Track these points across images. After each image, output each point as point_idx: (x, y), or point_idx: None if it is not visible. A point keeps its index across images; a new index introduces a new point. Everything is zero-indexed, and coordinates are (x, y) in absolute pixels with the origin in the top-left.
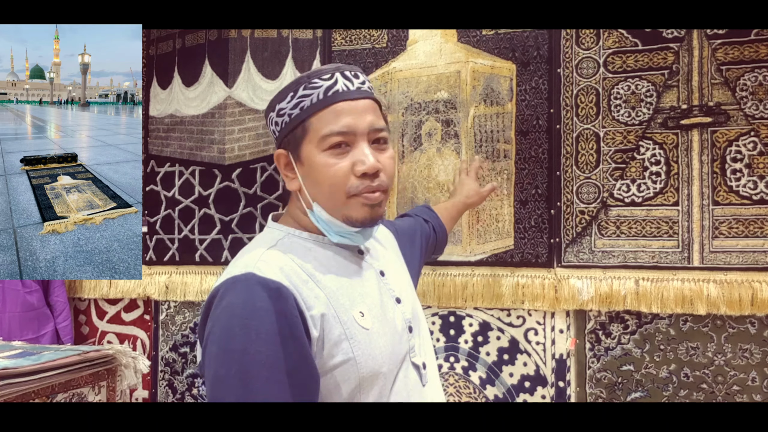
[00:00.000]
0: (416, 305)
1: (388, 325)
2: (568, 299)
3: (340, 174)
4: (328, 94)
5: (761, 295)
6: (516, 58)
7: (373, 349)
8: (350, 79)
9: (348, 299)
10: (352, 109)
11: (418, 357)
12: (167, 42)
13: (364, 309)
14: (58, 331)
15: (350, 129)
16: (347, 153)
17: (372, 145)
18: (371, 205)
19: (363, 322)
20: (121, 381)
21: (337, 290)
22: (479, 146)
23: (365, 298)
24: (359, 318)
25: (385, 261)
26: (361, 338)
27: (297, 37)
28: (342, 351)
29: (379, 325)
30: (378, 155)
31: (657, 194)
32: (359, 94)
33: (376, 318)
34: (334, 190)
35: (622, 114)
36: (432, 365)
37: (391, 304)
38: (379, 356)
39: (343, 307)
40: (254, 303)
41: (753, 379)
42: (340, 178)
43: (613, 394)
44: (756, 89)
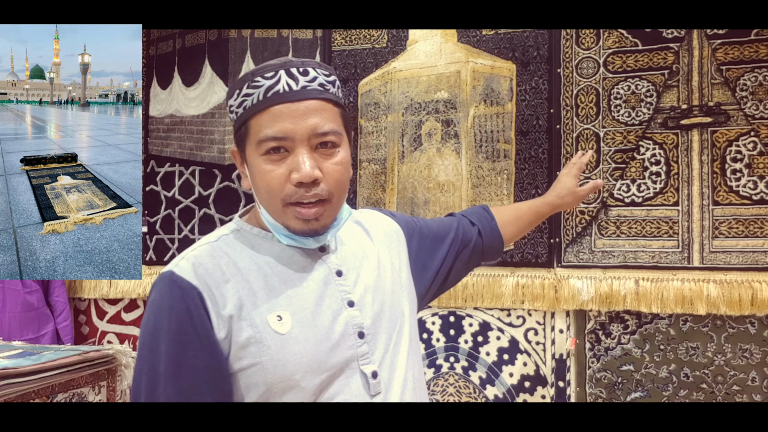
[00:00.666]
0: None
1: (316, 330)
2: (568, 299)
3: (275, 182)
4: (268, 95)
5: (761, 295)
6: (516, 58)
7: (285, 355)
8: (295, 78)
9: (267, 302)
10: (292, 112)
11: (370, 365)
12: (167, 42)
13: (285, 312)
14: (58, 331)
15: (287, 134)
16: (285, 159)
17: (317, 149)
18: (305, 219)
19: (278, 327)
20: (121, 381)
21: (258, 291)
22: (479, 146)
23: (293, 300)
24: (274, 322)
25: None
26: (272, 343)
27: (297, 37)
28: (249, 354)
29: (300, 330)
30: (322, 161)
31: (657, 194)
32: (303, 94)
33: (300, 323)
34: (270, 198)
35: (622, 114)
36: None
37: (334, 307)
38: (293, 363)
39: (259, 309)
40: (165, 301)
41: (753, 379)
42: (275, 186)
43: (613, 394)
44: (756, 89)
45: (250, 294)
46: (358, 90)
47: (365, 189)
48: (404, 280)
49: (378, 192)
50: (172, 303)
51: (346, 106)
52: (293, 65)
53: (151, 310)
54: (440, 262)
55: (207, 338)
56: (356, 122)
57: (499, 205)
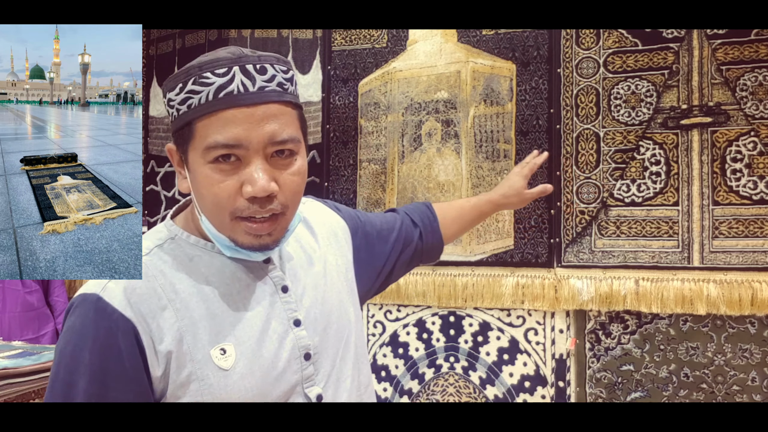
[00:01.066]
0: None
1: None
2: (568, 299)
3: (225, 194)
4: (219, 96)
5: (761, 295)
6: (516, 58)
7: (229, 392)
8: (252, 76)
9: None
10: (247, 117)
11: (315, 388)
12: (167, 42)
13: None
14: (58, 332)
15: (240, 142)
16: (237, 169)
17: (272, 158)
18: (256, 235)
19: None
20: None
21: (200, 321)
22: (479, 146)
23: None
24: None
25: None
26: (215, 380)
27: (297, 37)
28: (189, 393)
29: (245, 363)
30: (278, 172)
31: (657, 194)
32: (261, 97)
33: (244, 355)
34: (217, 210)
35: (622, 114)
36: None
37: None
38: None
39: (201, 342)
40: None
41: (753, 378)
42: (224, 199)
43: (613, 394)
44: (756, 89)
45: (190, 324)
46: (358, 90)
47: (365, 189)
48: (350, 281)
49: (378, 192)
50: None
51: (346, 105)
52: (249, 61)
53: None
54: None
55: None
56: (356, 122)
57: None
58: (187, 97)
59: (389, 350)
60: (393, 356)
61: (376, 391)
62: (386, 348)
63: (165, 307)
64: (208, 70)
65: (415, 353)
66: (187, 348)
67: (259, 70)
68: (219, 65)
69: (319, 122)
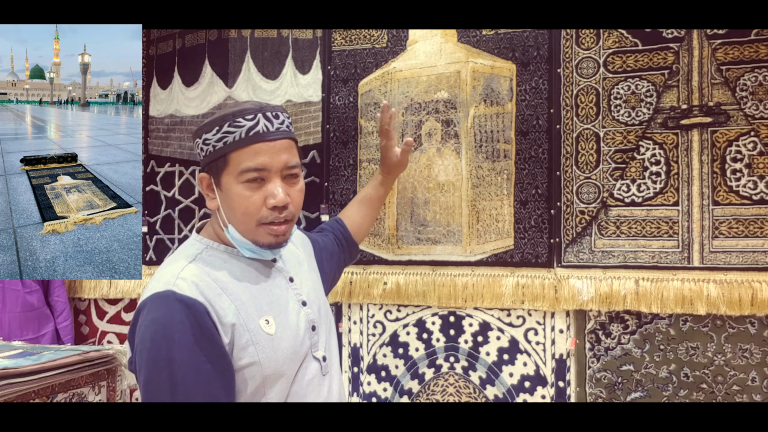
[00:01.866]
0: (322, 305)
1: (291, 328)
2: (568, 299)
3: (253, 206)
4: (250, 134)
5: (761, 295)
6: (516, 58)
7: (276, 352)
8: (271, 120)
9: (255, 309)
10: (270, 149)
11: (320, 351)
12: (167, 42)
13: (270, 317)
14: (58, 331)
15: (265, 167)
16: (261, 187)
17: (284, 179)
18: (276, 235)
19: (267, 329)
20: (121, 381)
21: (247, 301)
22: (479, 146)
23: (272, 306)
24: (264, 326)
25: (295, 268)
26: (266, 344)
27: (297, 37)
28: (248, 354)
29: (282, 330)
30: (288, 189)
31: (657, 194)
32: (278, 134)
33: (281, 324)
34: (246, 219)
35: (622, 114)
36: (333, 358)
37: (296, 307)
38: (281, 358)
39: (251, 316)
40: (174, 317)
41: (753, 379)
42: (252, 209)
43: (613, 394)
44: (756, 89)
45: (240, 304)
46: (358, 90)
47: None
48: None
49: None
50: (181, 318)
51: (346, 105)
52: (268, 110)
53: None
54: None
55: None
56: (356, 122)
57: (498, 205)
58: (223, 137)
59: (389, 350)
60: (393, 356)
61: (376, 391)
62: (386, 348)
63: (220, 294)
64: (240, 117)
65: (415, 353)
66: (243, 321)
67: (275, 116)
68: (248, 113)
69: (319, 122)
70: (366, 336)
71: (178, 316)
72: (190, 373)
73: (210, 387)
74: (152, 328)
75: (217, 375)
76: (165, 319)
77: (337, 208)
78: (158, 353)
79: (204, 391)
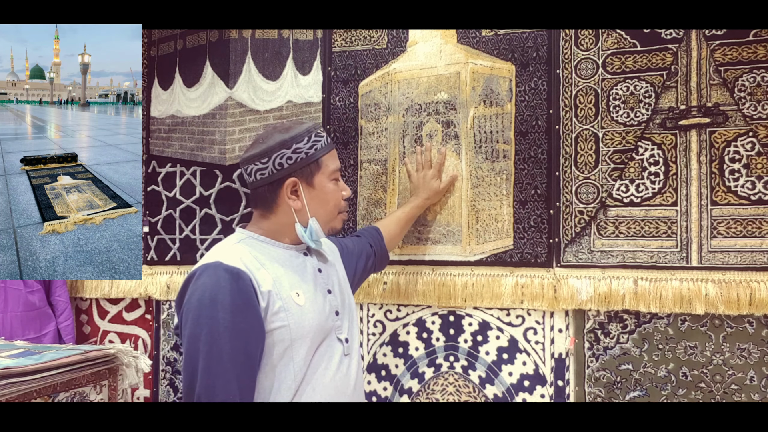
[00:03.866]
0: (347, 297)
1: (317, 305)
2: (567, 299)
3: (338, 197)
4: (328, 142)
5: (759, 295)
6: (515, 59)
7: (303, 320)
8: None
9: (288, 283)
10: (336, 155)
11: (343, 334)
12: (168, 43)
13: (300, 290)
14: (59, 331)
15: (338, 167)
16: (338, 183)
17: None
18: (344, 220)
19: (298, 300)
20: (122, 380)
21: (282, 276)
22: (479, 147)
23: (302, 284)
24: (295, 297)
25: (324, 264)
26: (295, 311)
27: (297, 38)
28: (280, 319)
29: (310, 304)
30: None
31: (655, 194)
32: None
33: (308, 299)
34: (333, 209)
35: (620, 115)
36: (354, 343)
37: (323, 292)
38: (308, 326)
39: (284, 287)
40: (220, 283)
41: (751, 378)
42: (339, 200)
43: (612, 393)
44: (754, 90)
45: (276, 277)
46: (359, 91)
47: (366, 189)
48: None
49: (379, 192)
50: (226, 284)
51: (347, 106)
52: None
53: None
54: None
55: (255, 308)
56: (357, 123)
57: (498, 205)
58: (314, 143)
59: (389, 349)
60: (393, 355)
61: (376, 391)
62: (386, 347)
63: (260, 268)
64: (317, 129)
65: (415, 352)
66: (277, 291)
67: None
68: (318, 128)
69: (319, 123)
70: (366, 335)
71: (223, 282)
72: (229, 330)
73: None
74: (200, 290)
75: (251, 334)
76: (212, 283)
77: None
78: (203, 311)
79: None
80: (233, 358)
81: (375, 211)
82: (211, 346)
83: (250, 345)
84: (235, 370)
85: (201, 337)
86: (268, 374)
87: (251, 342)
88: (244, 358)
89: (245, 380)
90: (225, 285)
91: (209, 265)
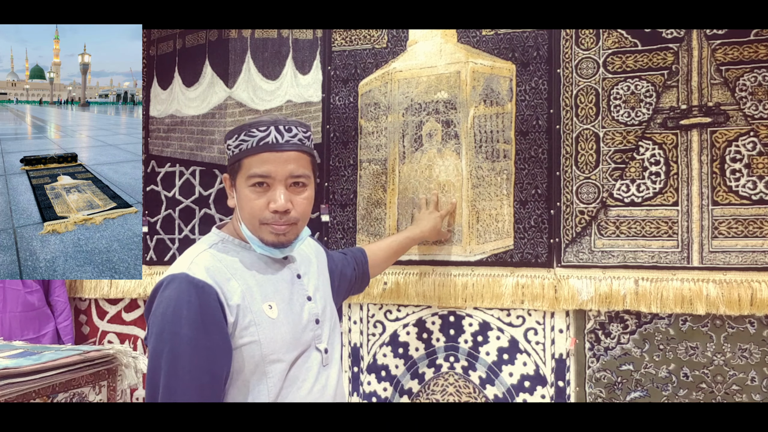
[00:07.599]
0: (328, 305)
1: (293, 317)
2: (568, 299)
3: (257, 208)
4: (259, 144)
5: (760, 295)
6: (516, 58)
7: (275, 334)
8: (282, 133)
9: (261, 294)
10: (276, 158)
11: (322, 344)
12: (167, 42)
13: (273, 303)
14: (58, 331)
15: (269, 174)
16: (266, 192)
17: (291, 187)
18: (276, 234)
19: (270, 313)
20: (121, 381)
21: (254, 286)
22: (479, 146)
23: (276, 294)
24: (267, 310)
25: (305, 267)
26: (266, 325)
27: (297, 37)
28: (250, 333)
29: (283, 316)
30: (294, 196)
31: (656, 194)
32: (287, 146)
33: (283, 311)
34: (251, 218)
35: (621, 114)
36: (334, 352)
37: (301, 300)
38: (280, 341)
39: (255, 300)
40: (183, 297)
41: (752, 378)
42: (256, 210)
43: (613, 394)
44: (755, 89)
45: (247, 289)
46: (359, 90)
47: (366, 189)
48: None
49: (379, 192)
50: (190, 298)
51: (346, 105)
52: (282, 123)
53: (167, 304)
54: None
55: (220, 325)
56: (357, 122)
57: (498, 205)
58: (239, 144)
59: (389, 350)
60: (393, 356)
61: (376, 391)
62: (386, 348)
63: (229, 279)
64: (254, 128)
65: (415, 353)
66: (248, 303)
67: (287, 129)
68: (261, 125)
69: (319, 122)
70: (366, 336)
71: (188, 296)
72: (191, 347)
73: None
74: (164, 303)
75: (216, 351)
76: (176, 297)
77: (337, 208)
78: (165, 327)
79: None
80: (196, 377)
81: (375, 211)
82: (172, 363)
83: (214, 363)
84: (197, 389)
85: (163, 355)
86: (242, 389)
87: (215, 360)
88: (207, 377)
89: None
90: (189, 299)
91: (175, 276)
